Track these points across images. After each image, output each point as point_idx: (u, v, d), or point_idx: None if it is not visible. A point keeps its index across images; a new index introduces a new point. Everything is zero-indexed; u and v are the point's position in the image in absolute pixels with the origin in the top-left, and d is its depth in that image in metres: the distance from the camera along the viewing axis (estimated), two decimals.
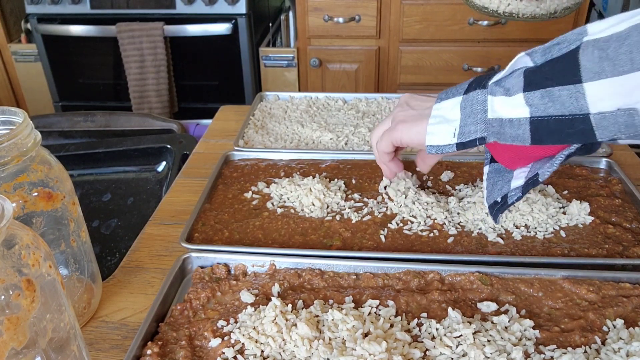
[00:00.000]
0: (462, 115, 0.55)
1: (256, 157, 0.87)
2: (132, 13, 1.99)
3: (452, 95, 0.57)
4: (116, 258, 0.82)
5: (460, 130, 0.55)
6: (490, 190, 0.60)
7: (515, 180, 0.57)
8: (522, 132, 0.51)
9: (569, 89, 0.47)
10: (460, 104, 0.55)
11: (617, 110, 0.45)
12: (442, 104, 0.58)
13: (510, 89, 0.51)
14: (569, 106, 0.47)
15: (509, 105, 0.51)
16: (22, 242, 0.37)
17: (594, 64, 0.45)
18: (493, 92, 0.52)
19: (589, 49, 0.46)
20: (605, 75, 0.45)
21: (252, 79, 2.08)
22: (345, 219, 0.71)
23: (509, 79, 0.51)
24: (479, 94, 0.54)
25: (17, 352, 0.36)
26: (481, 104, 0.53)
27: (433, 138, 0.58)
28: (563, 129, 0.49)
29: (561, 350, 0.51)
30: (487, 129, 0.53)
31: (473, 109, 0.54)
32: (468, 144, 0.55)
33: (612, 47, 0.44)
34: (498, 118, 0.52)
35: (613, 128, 0.46)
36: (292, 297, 0.58)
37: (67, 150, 1.04)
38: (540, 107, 0.49)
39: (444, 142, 0.57)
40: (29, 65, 2.17)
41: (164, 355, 0.53)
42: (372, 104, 1.04)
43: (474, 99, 0.54)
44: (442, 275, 0.60)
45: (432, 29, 1.87)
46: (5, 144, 0.47)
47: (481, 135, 0.54)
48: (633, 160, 0.86)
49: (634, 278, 0.59)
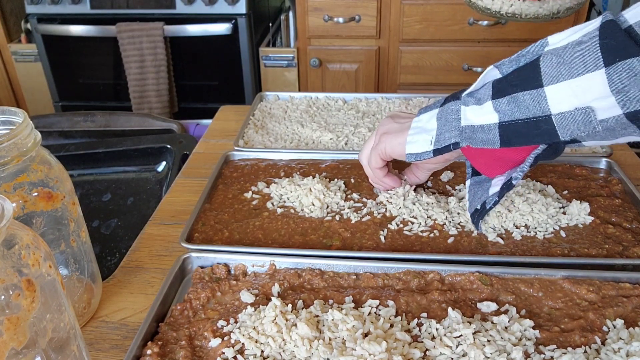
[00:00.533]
0: (439, 124, 0.60)
1: (256, 157, 0.87)
2: (132, 13, 1.99)
3: (430, 109, 0.62)
4: (116, 258, 0.82)
5: (436, 138, 0.60)
6: (471, 200, 0.66)
7: (493, 187, 0.62)
8: (492, 136, 0.56)
9: (531, 94, 0.52)
10: (437, 115, 0.61)
11: (575, 110, 0.50)
12: (421, 117, 0.63)
13: (480, 98, 0.56)
14: (532, 109, 0.52)
15: (480, 113, 0.56)
16: (22, 242, 0.37)
17: (553, 68, 0.50)
18: (466, 103, 0.58)
19: (548, 56, 0.51)
20: (563, 78, 0.50)
21: (252, 79, 2.08)
22: (344, 219, 0.71)
23: (480, 90, 0.57)
24: (453, 104, 0.59)
25: (17, 352, 0.36)
26: (455, 113, 0.59)
27: (412, 147, 0.63)
28: (529, 131, 0.53)
29: (561, 350, 0.51)
30: (460, 135, 0.58)
31: (448, 119, 0.59)
32: (443, 150, 0.60)
33: (568, 53, 0.49)
34: (470, 125, 0.57)
35: (573, 127, 0.51)
36: (292, 297, 0.58)
37: (67, 150, 1.04)
38: (507, 112, 0.54)
39: (421, 150, 0.62)
40: (29, 65, 2.17)
41: (164, 355, 0.53)
42: (372, 104, 1.04)
43: (449, 110, 0.59)
44: (442, 275, 0.60)
45: (432, 29, 1.87)
46: (5, 144, 0.47)
47: (455, 141, 0.59)
48: (633, 160, 0.86)
49: (634, 278, 0.59)
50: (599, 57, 0.47)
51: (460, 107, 0.58)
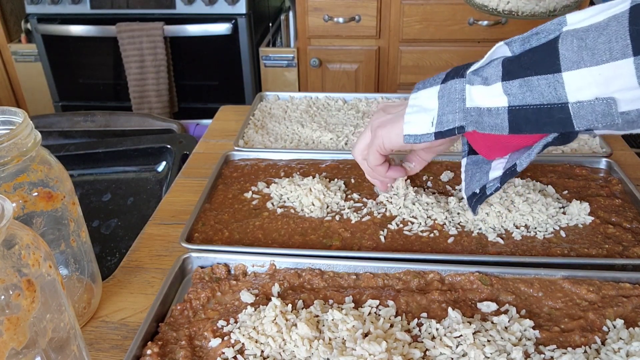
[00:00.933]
0: (440, 104, 0.55)
1: (256, 157, 0.87)
2: (132, 13, 1.98)
3: (430, 85, 0.57)
4: (116, 258, 0.82)
5: (438, 119, 0.55)
6: (469, 182, 0.60)
7: (494, 171, 0.58)
8: (501, 122, 0.51)
9: (547, 78, 0.47)
10: (438, 93, 0.55)
11: (595, 100, 0.46)
12: (420, 94, 0.57)
13: (488, 78, 0.51)
14: (547, 95, 0.48)
15: (487, 94, 0.51)
16: (22, 242, 0.37)
17: (573, 53, 0.46)
18: (471, 81, 0.52)
19: (568, 39, 0.46)
20: (584, 64, 0.45)
21: (252, 79, 2.08)
22: (344, 219, 0.71)
23: (487, 69, 0.52)
24: (456, 83, 0.54)
25: (17, 352, 0.36)
26: (459, 93, 0.54)
27: (411, 127, 0.57)
28: (541, 118, 0.49)
29: (561, 350, 0.51)
30: (465, 118, 0.53)
31: (451, 98, 0.54)
32: (446, 133, 0.55)
33: (591, 37, 0.45)
34: (476, 107, 0.52)
35: (590, 117, 0.47)
36: (292, 297, 0.58)
37: (67, 150, 1.04)
38: (518, 96, 0.49)
39: (421, 132, 0.57)
40: (29, 65, 2.17)
41: (164, 355, 0.53)
42: (372, 104, 1.04)
43: (452, 88, 0.54)
44: (442, 275, 0.60)
45: (432, 29, 1.87)
46: (5, 144, 0.47)
47: (460, 124, 0.54)
48: (633, 160, 0.86)
49: (634, 278, 0.59)
50: (627, 44, 0.43)
51: (465, 86, 0.53)
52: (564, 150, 0.86)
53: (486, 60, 0.52)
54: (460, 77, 0.54)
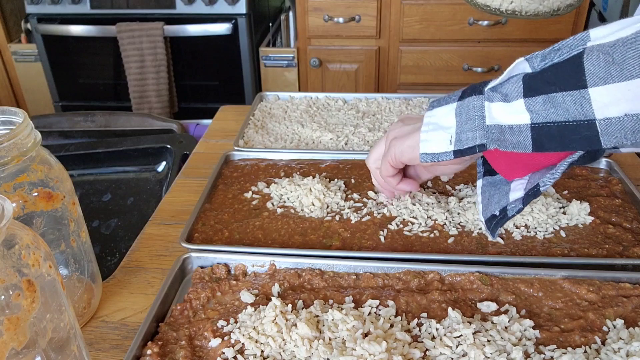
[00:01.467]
0: (458, 121, 0.53)
1: (256, 157, 0.87)
2: (132, 13, 1.98)
3: (446, 103, 0.55)
4: (116, 258, 0.82)
5: (457, 137, 0.53)
6: (487, 204, 0.58)
7: (514, 192, 0.56)
8: (523, 139, 0.50)
9: (573, 95, 0.46)
10: (456, 111, 0.54)
11: (625, 116, 0.44)
12: (435, 111, 0.56)
13: (508, 94, 0.50)
14: (573, 112, 0.46)
15: (508, 111, 0.50)
16: (22, 242, 0.37)
17: (600, 68, 0.44)
18: (490, 98, 0.51)
19: (593, 54, 0.45)
20: (612, 80, 0.44)
21: (252, 79, 2.08)
22: (344, 219, 0.71)
23: (507, 85, 0.50)
24: (475, 99, 0.52)
25: (17, 352, 0.36)
26: (478, 110, 0.52)
27: (428, 145, 0.56)
28: (566, 135, 0.47)
29: (561, 350, 0.51)
30: (486, 136, 0.52)
31: (470, 115, 0.53)
32: (467, 152, 0.53)
33: (619, 52, 0.44)
34: (497, 124, 0.51)
35: (619, 134, 0.45)
36: (292, 297, 0.58)
37: (67, 150, 1.04)
38: (541, 113, 0.48)
39: (439, 150, 0.55)
40: (29, 65, 2.17)
41: (164, 355, 0.53)
42: (372, 104, 1.04)
43: (470, 105, 0.53)
44: (442, 275, 0.60)
45: (432, 29, 1.87)
46: (5, 144, 0.47)
47: (481, 142, 0.52)
48: (633, 160, 0.86)
49: (634, 278, 0.59)
50: None
51: (484, 102, 0.52)
52: None
53: (505, 77, 0.51)
54: (478, 94, 0.52)
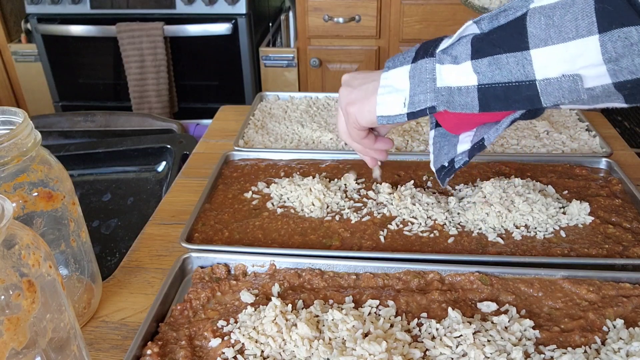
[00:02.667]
0: (412, 84, 0.55)
1: (256, 157, 0.87)
2: (132, 13, 1.98)
3: (400, 64, 0.57)
4: (116, 258, 0.82)
5: (410, 99, 0.55)
6: (437, 155, 0.60)
7: (462, 144, 0.58)
8: (471, 100, 0.51)
9: (516, 56, 0.48)
10: (409, 73, 0.55)
11: (562, 76, 0.46)
12: (390, 73, 0.58)
13: (457, 56, 0.51)
14: (515, 73, 0.48)
15: (457, 73, 0.51)
16: (22, 242, 0.37)
17: (541, 30, 0.46)
18: (441, 60, 0.52)
19: (535, 16, 0.47)
20: (552, 42, 0.46)
21: (252, 79, 2.08)
22: (344, 219, 0.71)
23: (457, 47, 0.52)
24: (427, 62, 0.54)
25: (17, 352, 0.36)
26: (430, 73, 0.53)
27: (383, 108, 0.58)
28: (510, 96, 0.49)
29: (561, 350, 0.51)
30: (436, 98, 0.54)
31: (422, 78, 0.54)
32: (418, 114, 0.55)
33: (558, 14, 0.45)
34: (447, 86, 0.52)
35: (557, 93, 0.47)
36: (292, 297, 0.58)
37: (67, 150, 1.04)
38: (487, 74, 0.49)
39: (394, 112, 0.57)
40: (29, 65, 2.17)
41: (164, 355, 0.53)
42: None
43: (422, 68, 0.54)
44: (442, 275, 0.60)
45: (432, 29, 1.87)
46: (5, 144, 0.47)
47: (431, 105, 0.54)
48: (633, 160, 0.86)
49: (634, 278, 0.59)
50: (593, 21, 0.44)
51: (435, 65, 0.53)
52: (564, 150, 0.86)
53: (455, 38, 0.52)
54: (430, 57, 0.54)
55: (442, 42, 0.54)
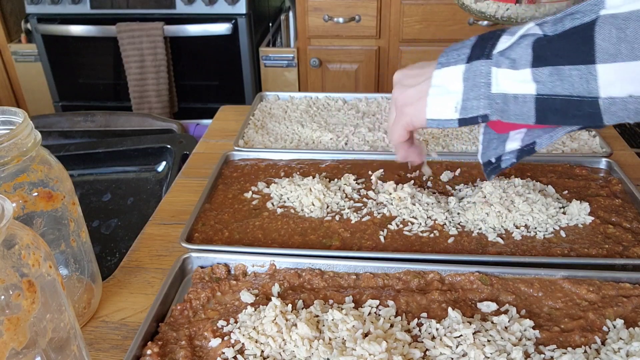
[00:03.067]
0: (465, 87, 0.51)
1: (256, 157, 0.87)
2: (132, 13, 1.98)
3: (454, 62, 0.53)
4: (116, 258, 0.82)
5: (462, 104, 0.52)
6: (486, 147, 0.57)
7: (511, 142, 0.55)
8: (527, 110, 0.48)
9: (580, 69, 0.44)
10: (463, 75, 0.52)
11: (629, 97, 0.43)
12: (443, 72, 0.53)
13: (516, 60, 0.48)
14: (578, 87, 0.45)
15: (515, 79, 0.48)
16: (22, 242, 0.37)
17: (611, 44, 0.42)
18: (498, 63, 0.49)
19: (606, 27, 0.43)
20: (622, 58, 0.42)
21: (252, 79, 2.08)
22: (344, 219, 0.71)
23: (516, 49, 0.48)
24: (482, 64, 0.50)
25: (17, 352, 0.36)
26: (485, 77, 0.50)
27: (434, 111, 0.54)
28: (569, 110, 0.46)
29: (561, 350, 0.51)
30: (490, 105, 0.51)
31: (476, 82, 0.51)
32: (470, 121, 0.52)
33: (632, 28, 0.41)
34: (502, 93, 0.49)
35: (622, 114, 0.44)
36: (292, 297, 0.58)
37: (67, 150, 1.04)
38: (547, 84, 0.46)
39: (445, 117, 0.53)
40: (29, 65, 2.17)
41: (164, 355, 0.53)
42: (372, 104, 1.04)
43: (477, 70, 0.51)
44: (442, 275, 0.60)
45: (432, 29, 1.87)
46: (5, 144, 0.47)
47: (484, 112, 0.51)
48: (633, 160, 0.86)
49: (634, 278, 0.59)
50: None
51: (491, 68, 0.49)
52: (564, 150, 0.86)
53: (515, 38, 0.48)
54: (486, 58, 0.50)
55: (501, 40, 0.50)
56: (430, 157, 0.77)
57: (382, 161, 0.84)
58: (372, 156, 0.85)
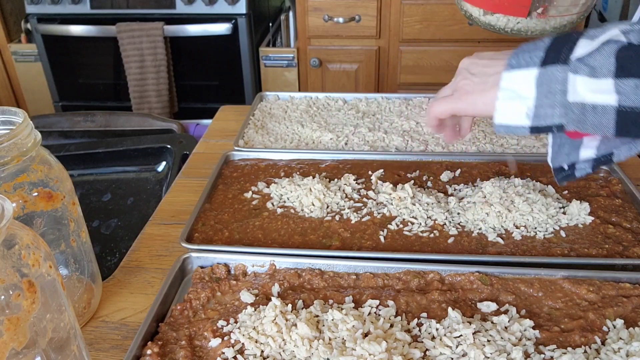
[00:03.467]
0: (538, 93, 0.48)
1: (256, 157, 0.87)
2: (132, 13, 1.98)
3: (526, 64, 0.49)
4: (116, 258, 0.82)
5: (535, 111, 0.49)
6: (556, 152, 0.53)
7: (585, 149, 0.51)
8: (607, 122, 0.45)
9: None
10: (536, 80, 0.48)
11: None
12: (514, 75, 0.50)
13: (597, 68, 0.45)
14: None
15: (594, 88, 0.45)
16: (22, 242, 0.37)
17: None
18: (576, 70, 0.46)
19: None
20: None
21: (252, 79, 2.08)
22: (344, 219, 0.71)
23: (597, 57, 0.45)
24: (558, 70, 0.47)
25: (17, 352, 0.36)
26: (561, 83, 0.47)
27: (503, 116, 0.51)
28: None
29: (561, 350, 0.51)
30: (566, 114, 0.47)
31: (551, 88, 0.47)
32: (543, 130, 0.49)
33: None
34: (580, 102, 0.46)
35: None
36: (292, 297, 0.58)
37: (67, 150, 1.04)
38: (631, 97, 0.44)
39: (515, 123, 0.50)
40: (29, 65, 2.17)
41: (164, 355, 0.53)
42: (372, 104, 1.04)
43: (553, 76, 0.47)
44: (442, 275, 0.60)
45: (432, 29, 1.87)
46: (5, 144, 0.47)
47: (559, 122, 0.48)
48: (633, 160, 0.86)
49: (634, 278, 0.59)
50: None
51: (568, 75, 0.46)
52: None
53: (595, 45, 0.46)
54: (563, 63, 0.47)
55: (578, 44, 0.47)
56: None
57: (382, 161, 0.84)
58: (372, 156, 0.85)
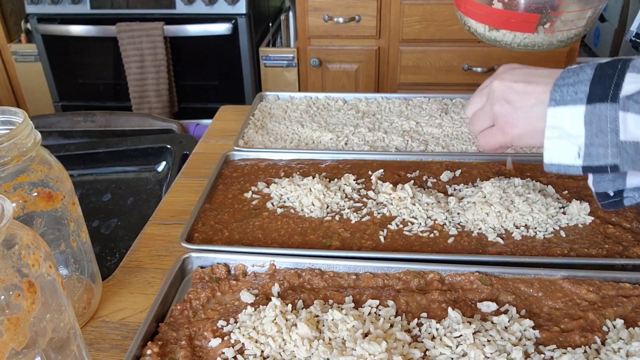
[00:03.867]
0: (587, 132, 0.47)
1: (256, 157, 0.87)
2: (132, 13, 1.98)
3: (572, 101, 0.48)
4: (116, 258, 0.82)
5: (586, 150, 0.47)
6: (600, 177, 0.51)
7: (632, 176, 0.49)
8: None
9: None
10: (585, 118, 0.47)
11: None
12: (560, 112, 0.48)
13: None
14: None
15: None
16: (22, 242, 0.37)
17: None
18: (626, 107, 0.45)
19: None
20: None
21: (252, 79, 2.08)
22: (344, 219, 0.71)
23: None
24: (608, 109, 0.46)
25: (17, 352, 0.36)
26: (611, 123, 0.45)
27: (553, 155, 0.49)
28: None
29: (561, 350, 0.51)
30: (619, 154, 0.46)
31: (601, 127, 0.46)
32: (597, 170, 0.48)
33: None
34: (633, 141, 0.45)
35: None
36: (292, 297, 0.58)
37: (67, 150, 1.04)
38: None
39: (566, 162, 0.49)
40: (29, 65, 2.17)
41: (164, 355, 0.53)
42: (372, 104, 1.04)
43: (602, 115, 0.46)
44: (442, 275, 0.60)
45: (432, 29, 1.87)
46: (5, 144, 0.47)
47: (613, 163, 0.46)
48: None
49: (634, 278, 0.59)
50: None
51: (619, 113, 0.45)
52: None
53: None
54: (612, 102, 0.45)
55: (626, 79, 0.45)
56: None
57: (382, 161, 0.84)
58: (372, 156, 0.85)
